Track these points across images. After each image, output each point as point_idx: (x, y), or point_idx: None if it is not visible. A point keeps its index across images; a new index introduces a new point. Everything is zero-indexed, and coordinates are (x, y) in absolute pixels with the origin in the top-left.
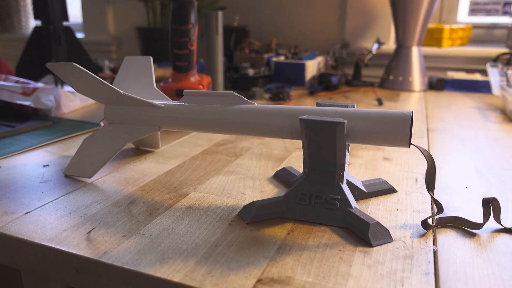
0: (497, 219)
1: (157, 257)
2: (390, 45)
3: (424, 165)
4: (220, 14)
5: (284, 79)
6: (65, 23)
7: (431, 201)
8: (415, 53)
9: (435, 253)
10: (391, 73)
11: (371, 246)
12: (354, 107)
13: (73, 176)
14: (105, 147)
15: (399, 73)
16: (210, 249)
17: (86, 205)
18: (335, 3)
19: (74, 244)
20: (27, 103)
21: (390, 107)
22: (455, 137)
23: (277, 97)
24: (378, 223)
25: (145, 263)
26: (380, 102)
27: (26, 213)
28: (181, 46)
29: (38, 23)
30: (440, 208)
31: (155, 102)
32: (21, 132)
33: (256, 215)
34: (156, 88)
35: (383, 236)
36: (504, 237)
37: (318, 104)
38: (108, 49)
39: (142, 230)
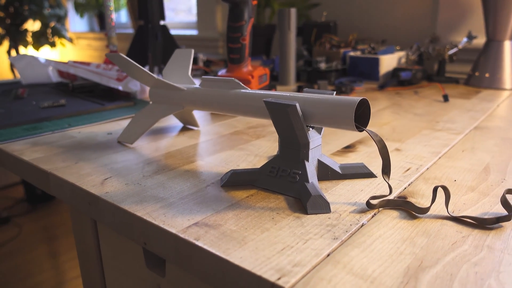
0: (446, 206)
1: (138, 199)
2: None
3: (430, 157)
4: (293, 11)
5: (359, 73)
6: (161, 22)
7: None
8: (507, 47)
9: (362, 226)
10: (477, 69)
11: (306, 213)
12: (332, 94)
13: (122, 142)
14: (145, 121)
15: (486, 70)
16: (178, 199)
17: (116, 162)
18: None
19: (91, 185)
20: (118, 87)
21: (455, 104)
22: (497, 136)
23: (339, 90)
24: (320, 196)
25: (127, 202)
26: (445, 99)
27: (75, 163)
28: (234, 41)
29: (142, 22)
30: (390, 191)
31: (179, 85)
32: (107, 109)
33: (229, 180)
34: (190, 75)
35: (321, 207)
36: (443, 223)
37: (303, 91)
38: (216, 44)
39: (141, 181)
